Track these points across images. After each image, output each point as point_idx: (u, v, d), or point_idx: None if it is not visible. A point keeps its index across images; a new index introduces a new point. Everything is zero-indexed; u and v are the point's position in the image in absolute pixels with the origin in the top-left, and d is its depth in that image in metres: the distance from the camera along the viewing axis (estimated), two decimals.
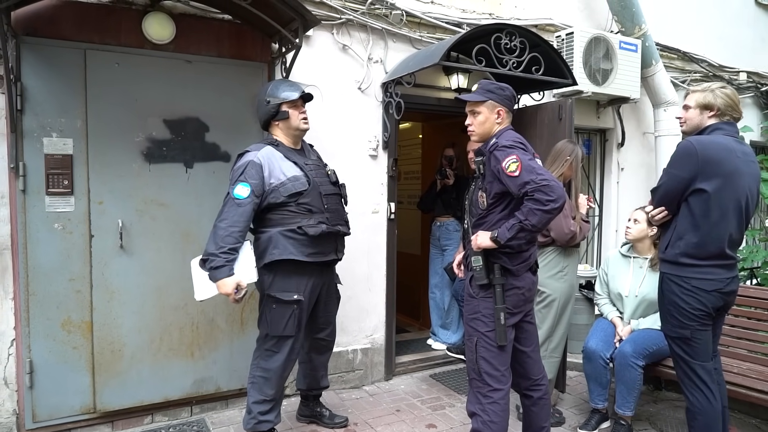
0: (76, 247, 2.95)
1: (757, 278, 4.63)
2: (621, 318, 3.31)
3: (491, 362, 2.40)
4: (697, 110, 2.56)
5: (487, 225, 2.43)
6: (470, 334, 2.47)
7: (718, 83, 2.62)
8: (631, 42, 4.55)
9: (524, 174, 2.24)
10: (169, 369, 3.21)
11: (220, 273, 2.52)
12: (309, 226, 2.71)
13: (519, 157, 2.27)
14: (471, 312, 2.47)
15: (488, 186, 2.41)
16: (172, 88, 3.13)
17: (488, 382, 2.39)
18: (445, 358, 4.33)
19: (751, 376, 3.05)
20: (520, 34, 3.48)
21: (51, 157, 2.87)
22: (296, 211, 2.72)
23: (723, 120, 2.52)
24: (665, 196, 2.52)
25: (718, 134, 2.49)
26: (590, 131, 5.13)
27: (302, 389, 3.22)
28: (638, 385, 3.02)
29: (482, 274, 2.38)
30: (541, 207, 2.20)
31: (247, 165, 2.64)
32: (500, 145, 2.35)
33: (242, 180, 2.61)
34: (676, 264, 2.49)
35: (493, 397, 2.39)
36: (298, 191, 2.71)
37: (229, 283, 2.53)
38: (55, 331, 2.93)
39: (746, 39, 5.96)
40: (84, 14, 2.93)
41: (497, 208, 2.40)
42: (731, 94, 2.54)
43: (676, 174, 2.46)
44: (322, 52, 3.65)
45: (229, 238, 2.53)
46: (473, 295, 2.45)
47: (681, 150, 2.47)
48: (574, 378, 3.96)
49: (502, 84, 2.51)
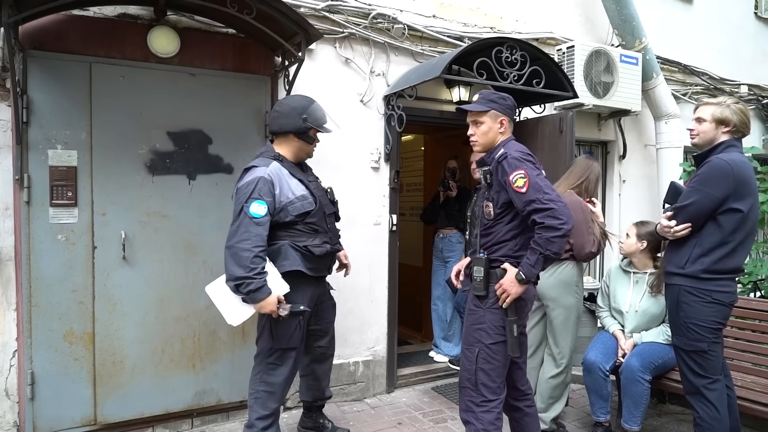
0: (79, 259, 2.96)
1: (761, 291, 4.60)
2: (622, 331, 3.29)
3: (490, 374, 2.38)
4: (712, 124, 2.56)
5: (494, 237, 2.41)
6: (470, 343, 2.44)
7: (732, 98, 2.63)
8: (631, 55, 4.58)
9: (531, 192, 2.24)
10: (171, 381, 3.20)
11: (261, 294, 2.49)
12: (314, 246, 2.71)
13: (527, 173, 2.27)
14: (475, 322, 2.43)
15: (495, 196, 2.40)
16: (176, 100, 3.17)
17: (483, 392, 2.39)
18: (447, 370, 4.31)
19: (756, 389, 3.02)
20: (521, 48, 3.51)
21: (55, 169, 2.89)
22: (302, 230, 2.71)
23: (736, 136, 2.54)
24: (696, 214, 2.47)
25: (734, 152, 2.51)
26: (591, 143, 5.14)
27: (307, 401, 3.19)
28: (645, 400, 3.00)
29: (481, 286, 2.37)
30: (556, 233, 2.20)
31: (258, 181, 2.57)
32: (510, 156, 2.33)
33: (256, 198, 2.53)
34: (696, 278, 2.48)
35: (488, 406, 2.39)
36: (306, 211, 2.69)
37: (272, 301, 2.52)
38: (57, 342, 2.93)
39: (747, 52, 5.99)
40: (90, 28, 2.97)
41: (504, 218, 2.39)
42: (745, 111, 2.57)
43: (710, 193, 2.43)
44: (324, 65, 3.68)
45: (257, 259, 2.49)
46: (479, 305, 2.42)
47: (716, 170, 2.44)
48: (577, 391, 3.93)
49: (503, 93, 2.52)
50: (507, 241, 2.39)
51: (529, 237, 2.36)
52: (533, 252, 2.26)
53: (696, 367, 2.52)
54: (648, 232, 3.21)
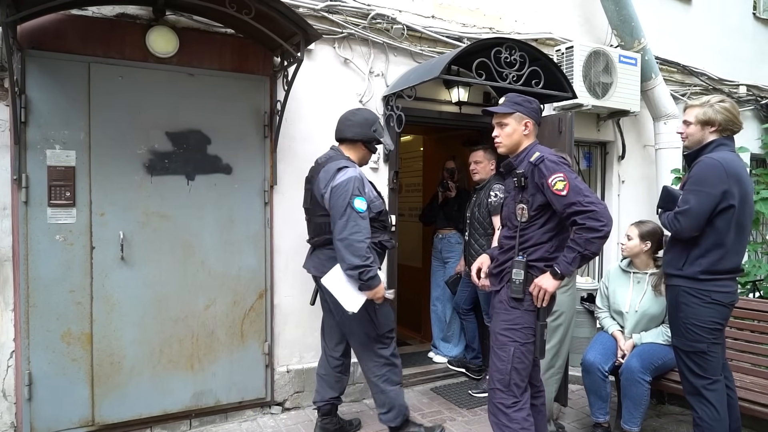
0: (77, 259, 2.95)
1: (760, 291, 4.61)
2: (622, 332, 3.29)
3: (522, 373, 2.41)
4: (698, 126, 2.57)
5: (530, 239, 2.41)
6: (504, 343, 2.43)
7: (717, 96, 2.62)
8: (630, 56, 4.58)
9: (571, 194, 2.26)
10: (169, 381, 3.19)
11: (376, 281, 2.71)
12: (386, 242, 2.96)
13: (566, 176, 2.29)
14: (511, 322, 2.42)
15: (531, 198, 2.40)
16: (174, 101, 3.16)
17: (515, 393, 2.41)
18: (446, 371, 4.30)
19: (755, 389, 3.02)
20: (520, 48, 3.51)
21: (54, 169, 2.89)
22: (377, 227, 2.90)
23: (724, 135, 2.54)
24: (700, 216, 2.45)
25: (724, 150, 2.51)
26: (591, 144, 5.14)
27: (332, 398, 3.15)
28: (645, 401, 2.99)
29: (520, 288, 2.37)
30: (597, 234, 2.23)
31: (355, 180, 2.75)
32: (547, 160, 2.35)
33: (357, 194, 2.73)
34: (695, 279, 2.49)
35: (518, 405, 2.41)
36: (381, 209, 2.93)
37: (383, 287, 2.77)
38: (55, 342, 2.92)
39: (746, 52, 6.00)
40: (88, 28, 2.97)
41: (538, 221, 2.40)
42: (731, 108, 2.55)
43: (709, 192, 2.43)
44: (323, 65, 3.68)
45: (369, 251, 2.71)
46: (516, 306, 2.41)
47: (708, 168, 2.45)
48: (576, 392, 3.93)
49: (529, 97, 2.54)
50: (543, 243, 2.40)
51: (564, 238, 2.39)
52: (571, 250, 2.29)
53: (696, 368, 2.53)
54: (649, 231, 3.21)
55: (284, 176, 3.52)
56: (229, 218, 3.33)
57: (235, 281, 3.36)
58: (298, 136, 3.58)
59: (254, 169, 3.40)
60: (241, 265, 3.38)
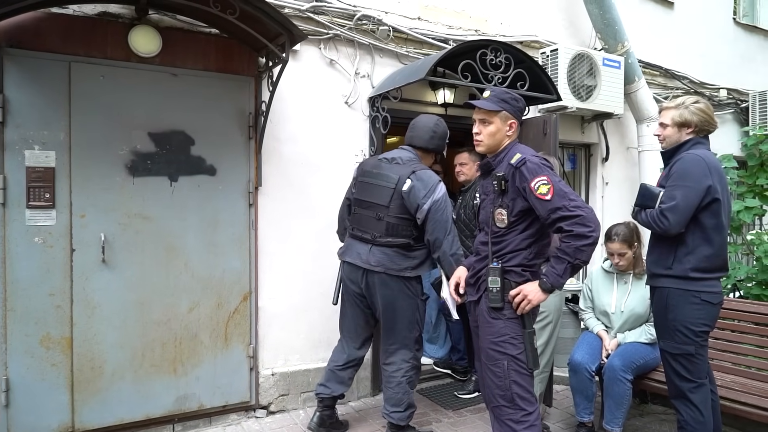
0: (57, 262, 2.90)
1: (740, 291, 4.67)
2: (607, 331, 3.31)
3: (523, 385, 2.27)
4: (674, 128, 2.59)
5: (508, 245, 2.28)
6: (495, 359, 2.28)
7: (692, 98, 2.64)
8: (614, 59, 4.63)
9: (556, 199, 2.14)
10: (151, 386, 3.15)
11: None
12: None
13: (550, 179, 2.17)
14: (496, 335, 2.28)
15: (511, 203, 2.27)
16: (157, 101, 3.12)
17: (522, 406, 2.26)
18: (432, 372, 4.30)
19: (735, 388, 3.07)
20: (505, 51, 3.53)
21: (32, 170, 2.83)
22: None
23: (701, 135, 2.57)
24: (687, 211, 2.42)
25: (701, 148, 2.53)
26: (575, 146, 5.19)
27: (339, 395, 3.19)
28: (627, 400, 3.01)
29: (498, 297, 2.25)
30: (586, 241, 2.11)
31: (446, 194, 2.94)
32: (529, 162, 2.22)
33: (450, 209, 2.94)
34: (685, 279, 2.46)
35: (529, 420, 2.26)
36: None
37: None
38: (34, 347, 2.86)
39: (726, 56, 6.10)
40: (69, 27, 2.91)
41: (518, 227, 2.27)
42: (705, 109, 2.57)
43: (694, 186, 2.41)
44: (309, 66, 3.66)
45: None
46: (497, 317, 2.29)
47: (692, 163, 2.44)
48: (561, 392, 3.95)
49: (516, 94, 2.40)
50: (522, 250, 2.27)
51: (544, 245, 2.29)
52: (560, 261, 2.16)
53: (682, 371, 2.51)
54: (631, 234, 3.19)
55: (269, 178, 3.49)
56: (212, 220, 3.30)
57: (218, 283, 3.33)
58: (283, 137, 3.56)
59: (238, 171, 3.37)
60: (225, 267, 3.35)
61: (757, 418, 2.85)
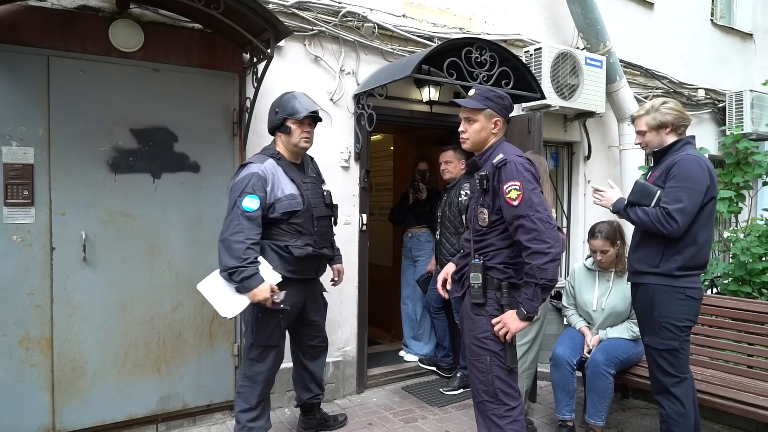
0: (36, 260, 2.84)
1: (717, 287, 4.78)
2: (589, 327, 3.36)
3: (505, 380, 2.30)
4: (652, 132, 2.63)
5: (488, 244, 2.31)
6: (478, 354, 2.32)
7: (659, 99, 2.69)
8: (596, 58, 4.68)
9: (522, 206, 2.16)
10: (134, 386, 3.10)
11: (254, 281, 2.54)
12: (295, 247, 2.76)
13: (522, 186, 2.18)
14: (479, 331, 2.31)
15: (492, 202, 2.29)
16: (139, 97, 3.07)
17: (504, 401, 2.29)
18: (417, 369, 4.32)
19: (714, 382, 3.14)
20: (490, 49, 3.54)
21: (10, 167, 2.76)
22: (286, 230, 2.77)
23: (679, 132, 2.61)
24: (693, 212, 2.44)
25: (690, 149, 2.57)
26: (558, 144, 5.24)
27: (306, 400, 3.16)
28: (609, 394, 3.06)
29: (479, 293, 2.28)
30: (545, 258, 2.12)
31: (252, 177, 2.64)
32: (510, 163, 2.23)
33: (250, 192, 2.61)
34: (671, 276, 2.50)
35: (512, 415, 2.29)
36: (293, 210, 2.75)
37: (265, 288, 2.56)
38: (12, 348, 2.80)
39: (704, 57, 6.22)
40: (48, 20, 2.85)
41: (499, 227, 2.29)
42: (675, 106, 2.62)
43: (696, 188, 2.44)
44: (294, 63, 3.63)
45: (249, 251, 2.56)
46: (479, 313, 2.31)
47: (693, 165, 2.46)
48: (545, 388, 4.00)
49: (501, 92, 2.40)
50: (503, 249, 2.29)
51: None
52: (528, 285, 2.17)
53: (667, 366, 2.55)
54: (613, 232, 3.23)
55: None
56: (196, 217, 3.26)
57: None
58: (268, 134, 3.52)
59: (223, 168, 3.34)
60: (209, 266, 3.29)
61: (736, 411, 2.92)
